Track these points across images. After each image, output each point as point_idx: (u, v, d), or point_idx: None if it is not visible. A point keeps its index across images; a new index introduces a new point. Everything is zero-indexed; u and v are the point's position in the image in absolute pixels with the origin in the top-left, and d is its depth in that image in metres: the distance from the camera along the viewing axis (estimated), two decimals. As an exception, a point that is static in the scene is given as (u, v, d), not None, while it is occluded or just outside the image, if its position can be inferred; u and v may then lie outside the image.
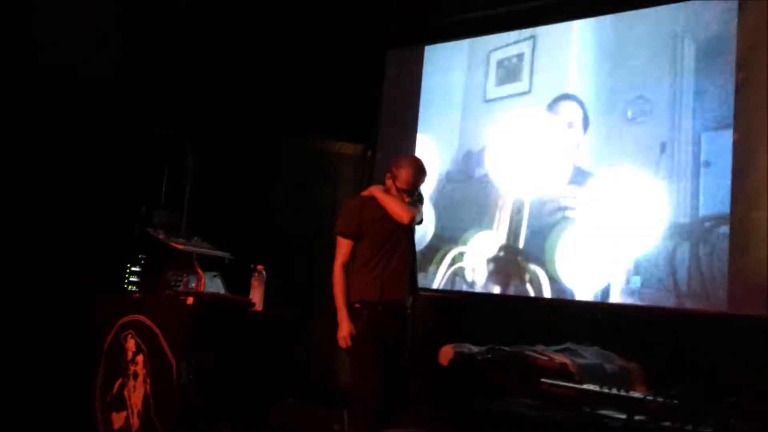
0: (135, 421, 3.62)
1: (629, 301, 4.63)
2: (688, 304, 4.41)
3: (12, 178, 4.66)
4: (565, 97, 5.23)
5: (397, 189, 3.58)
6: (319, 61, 6.03)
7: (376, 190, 3.64)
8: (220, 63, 5.70)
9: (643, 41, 4.87)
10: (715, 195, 4.39)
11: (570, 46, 5.23)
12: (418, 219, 3.64)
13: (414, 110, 6.00)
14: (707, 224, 4.40)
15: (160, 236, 3.92)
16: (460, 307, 5.39)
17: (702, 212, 4.43)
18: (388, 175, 3.63)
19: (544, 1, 5.37)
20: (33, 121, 4.75)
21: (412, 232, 3.65)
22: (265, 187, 5.83)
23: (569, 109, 5.20)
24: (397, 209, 3.52)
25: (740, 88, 4.38)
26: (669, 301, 4.47)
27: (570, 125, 5.17)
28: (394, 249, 3.52)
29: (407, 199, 3.58)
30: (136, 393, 3.65)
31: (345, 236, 3.56)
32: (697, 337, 4.26)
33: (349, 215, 3.59)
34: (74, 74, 4.92)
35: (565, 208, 5.04)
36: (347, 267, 3.55)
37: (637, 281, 4.63)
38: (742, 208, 4.29)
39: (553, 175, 5.15)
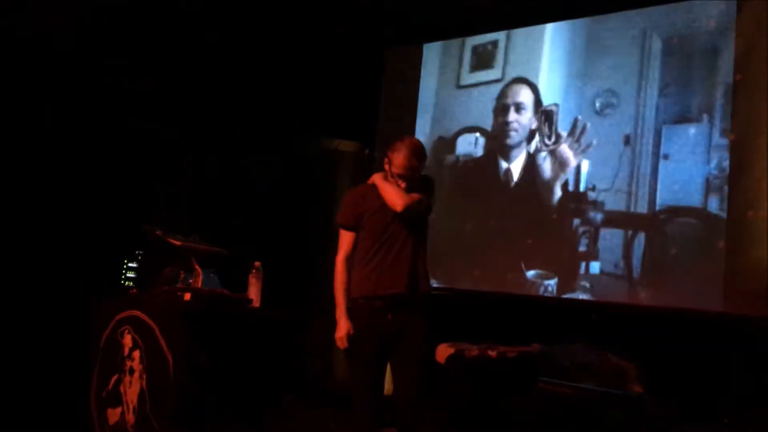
0: (130, 417, 3.58)
1: (584, 284, 4.83)
2: (641, 293, 4.62)
3: (12, 177, 4.68)
4: (519, 80, 5.39)
5: (392, 174, 3.26)
6: (318, 60, 6.04)
7: (377, 178, 3.34)
8: (220, 63, 5.72)
9: (615, 36, 4.99)
10: (672, 187, 4.58)
11: (544, 36, 5.35)
12: (420, 207, 3.26)
13: (412, 107, 6.03)
14: (662, 216, 4.61)
15: (158, 233, 3.89)
16: (456, 305, 5.38)
17: (658, 203, 4.65)
18: (386, 160, 3.30)
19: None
20: (33, 121, 4.77)
21: (418, 220, 3.29)
22: (263, 184, 5.82)
23: (520, 92, 5.37)
24: (390, 196, 3.21)
25: (738, 89, 4.42)
26: (623, 288, 4.70)
27: (520, 108, 5.33)
28: (394, 239, 3.23)
29: (403, 185, 3.23)
30: (132, 389, 3.61)
31: (344, 228, 3.33)
32: (693, 336, 4.26)
33: (348, 206, 3.35)
34: (74, 74, 4.94)
35: (532, 195, 5.20)
36: (349, 260, 3.31)
37: (594, 267, 4.83)
38: (740, 207, 4.31)
39: (518, 162, 5.33)
